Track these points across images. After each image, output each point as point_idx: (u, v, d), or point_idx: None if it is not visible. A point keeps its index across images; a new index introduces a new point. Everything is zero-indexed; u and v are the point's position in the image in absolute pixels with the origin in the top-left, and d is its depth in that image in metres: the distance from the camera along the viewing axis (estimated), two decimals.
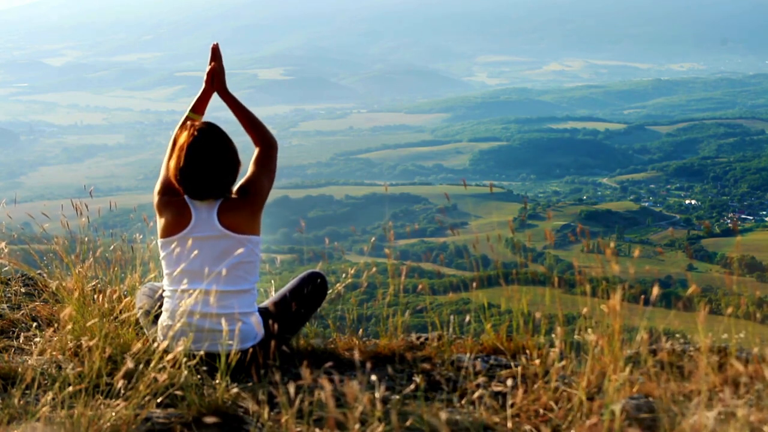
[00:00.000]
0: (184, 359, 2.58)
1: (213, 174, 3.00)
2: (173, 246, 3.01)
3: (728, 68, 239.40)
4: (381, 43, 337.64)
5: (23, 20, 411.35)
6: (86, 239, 3.78)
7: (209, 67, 3.34)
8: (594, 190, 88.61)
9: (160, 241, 3.08)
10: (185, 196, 3.06)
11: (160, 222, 3.08)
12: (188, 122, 3.16)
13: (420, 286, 3.43)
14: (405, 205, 73.51)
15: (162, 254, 3.07)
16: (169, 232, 3.04)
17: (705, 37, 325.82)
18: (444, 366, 2.98)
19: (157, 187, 3.15)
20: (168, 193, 3.10)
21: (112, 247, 3.80)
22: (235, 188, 3.12)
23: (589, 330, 2.58)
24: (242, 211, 3.04)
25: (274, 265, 4.28)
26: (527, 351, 3.02)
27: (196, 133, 3.04)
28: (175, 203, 3.06)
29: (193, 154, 3.00)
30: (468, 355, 3.03)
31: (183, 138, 3.05)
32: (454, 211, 66.61)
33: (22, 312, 3.67)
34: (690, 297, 2.48)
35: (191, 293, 2.89)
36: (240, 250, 2.97)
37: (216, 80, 3.34)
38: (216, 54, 3.36)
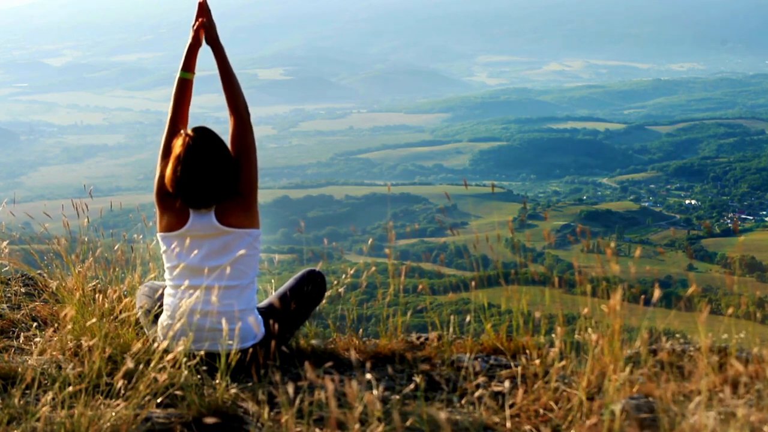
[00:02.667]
0: (184, 359, 2.58)
1: (209, 187, 2.99)
2: (173, 243, 3.02)
3: (728, 68, 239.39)
4: (381, 43, 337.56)
5: (23, 20, 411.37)
6: (86, 239, 3.78)
7: (197, 22, 3.28)
8: (594, 190, 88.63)
9: (159, 235, 3.09)
10: None
11: (161, 218, 3.09)
12: (182, 131, 3.11)
13: (420, 286, 3.42)
14: (405, 205, 73.49)
15: (162, 248, 3.09)
16: (168, 228, 3.05)
17: (705, 37, 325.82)
18: (444, 366, 2.98)
19: (156, 184, 3.14)
20: (167, 195, 3.09)
21: (116, 246, 3.79)
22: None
23: (589, 330, 2.58)
24: (239, 208, 3.05)
25: (272, 264, 4.28)
26: (527, 351, 3.02)
27: (190, 142, 3.02)
28: (173, 204, 3.06)
29: (188, 166, 2.98)
30: (468, 355, 3.03)
31: (177, 148, 3.04)
32: (454, 211, 66.59)
33: (22, 312, 3.67)
34: (690, 297, 2.48)
35: (192, 292, 2.90)
36: (242, 252, 2.97)
37: (206, 34, 3.27)
38: (203, 9, 3.29)
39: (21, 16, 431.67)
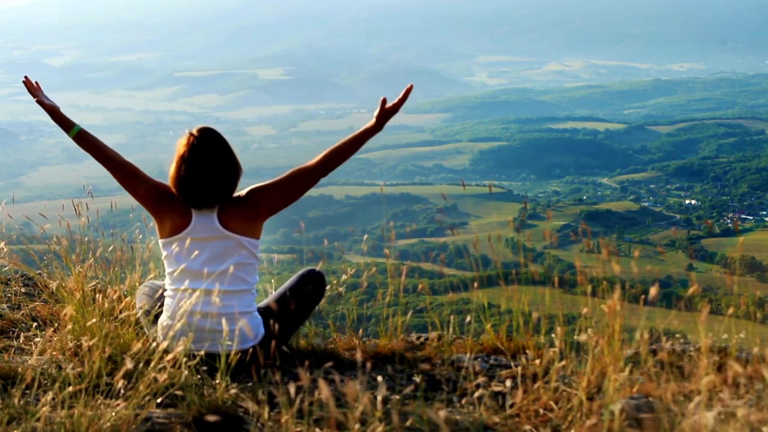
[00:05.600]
0: (184, 359, 2.58)
1: (212, 186, 2.99)
2: (174, 246, 3.02)
3: (728, 68, 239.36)
4: (381, 43, 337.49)
5: (23, 20, 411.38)
6: (86, 239, 3.78)
7: (36, 99, 3.38)
8: (594, 190, 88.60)
9: (161, 241, 3.09)
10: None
11: (161, 224, 3.08)
12: (186, 131, 3.12)
13: (420, 286, 3.43)
14: (405, 205, 73.47)
15: (164, 254, 3.08)
16: (169, 232, 3.05)
17: (705, 37, 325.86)
18: (444, 366, 2.98)
19: (142, 196, 3.13)
20: (163, 200, 3.09)
21: (111, 247, 3.80)
22: (246, 190, 3.11)
23: (589, 330, 2.58)
24: (241, 214, 3.04)
25: (272, 264, 4.28)
26: (527, 351, 3.02)
27: (195, 142, 3.02)
28: (175, 206, 3.06)
29: (192, 166, 2.99)
30: (468, 355, 3.03)
31: (182, 148, 3.04)
32: (454, 211, 66.62)
33: (22, 312, 3.67)
34: (690, 297, 2.48)
35: (192, 293, 2.89)
36: (242, 251, 2.98)
37: (385, 113, 3.18)
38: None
39: (21, 16, 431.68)
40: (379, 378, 2.38)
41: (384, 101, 3.17)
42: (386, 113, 3.18)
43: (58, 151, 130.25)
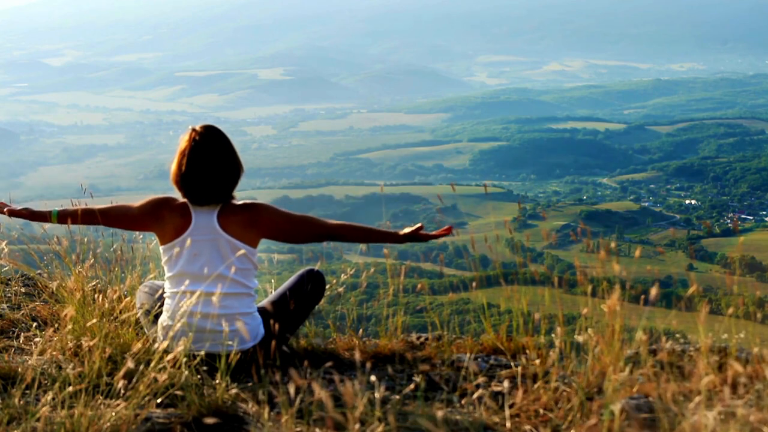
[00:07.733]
0: (185, 359, 2.58)
1: (214, 182, 3.00)
2: (174, 249, 3.02)
3: (728, 68, 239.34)
4: (381, 43, 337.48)
5: (23, 20, 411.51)
6: (86, 239, 3.79)
7: (8, 209, 3.32)
8: (594, 190, 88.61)
9: (162, 247, 3.09)
10: (185, 200, 3.07)
11: (162, 231, 3.08)
12: (189, 127, 3.13)
13: (420, 286, 3.43)
14: (405, 205, 73.48)
15: (164, 259, 3.08)
16: (171, 236, 3.05)
17: (705, 37, 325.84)
18: (444, 366, 2.98)
19: (135, 214, 3.13)
20: (158, 207, 3.10)
21: (111, 247, 3.80)
22: (253, 201, 3.11)
23: (589, 330, 2.58)
24: (239, 219, 3.04)
25: (272, 264, 4.28)
26: (527, 351, 3.02)
27: (197, 137, 3.03)
28: (174, 209, 3.07)
29: (193, 161, 3.00)
30: (468, 355, 3.03)
31: (183, 143, 3.05)
32: (454, 211, 66.66)
33: (22, 312, 3.67)
34: (690, 297, 2.48)
35: (192, 294, 2.90)
36: (239, 255, 2.98)
37: (408, 238, 3.19)
38: (438, 234, 3.19)
39: (21, 16, 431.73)
40: (373, 377, 2.38)
41: (420, 227, 3.17)
42: (414, 237, 3.17)
43: (58, 151, 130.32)
